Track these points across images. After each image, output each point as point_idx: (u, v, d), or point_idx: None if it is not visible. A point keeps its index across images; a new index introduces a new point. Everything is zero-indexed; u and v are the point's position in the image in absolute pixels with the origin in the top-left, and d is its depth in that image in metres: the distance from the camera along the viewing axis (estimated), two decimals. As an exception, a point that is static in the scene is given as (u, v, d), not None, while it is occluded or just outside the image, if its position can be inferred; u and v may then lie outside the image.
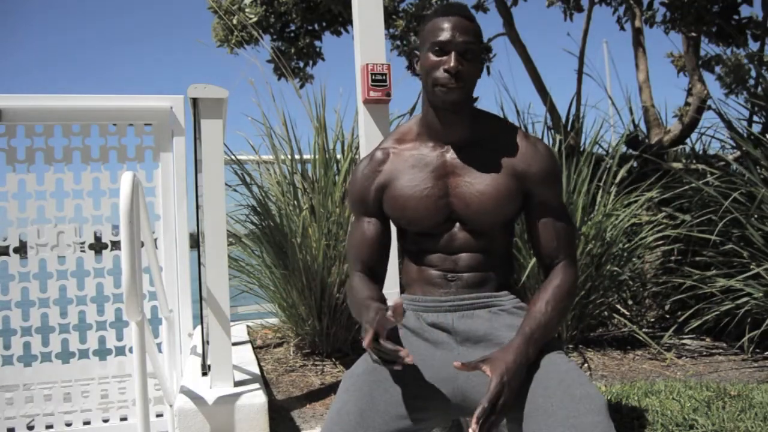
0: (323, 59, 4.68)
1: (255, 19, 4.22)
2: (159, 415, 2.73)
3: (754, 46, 4.11)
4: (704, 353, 3.09)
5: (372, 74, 2.14)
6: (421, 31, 1.30)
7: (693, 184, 3.33)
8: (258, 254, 3.31)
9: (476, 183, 1.26)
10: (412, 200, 1.28)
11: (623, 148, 4.04)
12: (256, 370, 2.48)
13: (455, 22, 1.22)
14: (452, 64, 1.20)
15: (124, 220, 1.62)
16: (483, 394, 1.18)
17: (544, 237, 1.29)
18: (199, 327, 2.78)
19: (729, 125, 3.45)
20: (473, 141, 1.29)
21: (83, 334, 2.78)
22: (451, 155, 1.29)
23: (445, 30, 1.22)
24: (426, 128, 1.31)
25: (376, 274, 1.36)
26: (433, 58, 1.23)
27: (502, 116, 1.78)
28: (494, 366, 1.09)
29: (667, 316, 3.62)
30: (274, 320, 3.67)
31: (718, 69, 4.77)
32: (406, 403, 1.18)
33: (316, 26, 4.56)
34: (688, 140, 4.14)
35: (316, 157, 3.21)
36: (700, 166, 3.72)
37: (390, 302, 1.30)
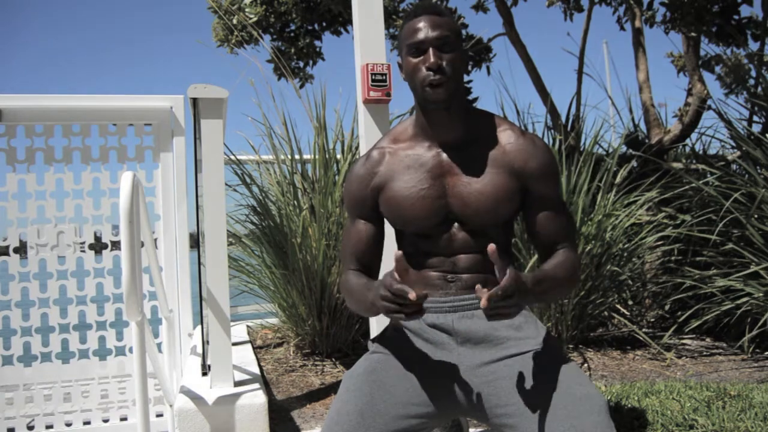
0: (323, 59, 4.68)
1: (255, 19, 4.22)
2: (159, 415, 2.73)
3: (754, 46, 4.12)
4: (704, 353, 3.09)
5: (372, 74, 2.14)
6: (398, 39, 1.31)
7: (693, 184, 3.33)
8: (258, 254, 3.31)
9: (474, 182, 1.25)
10: (408, 201, 1.27)
11: (623, 148, 4.04)
12: (256, 370, 2.48)
13: (426, 21, 1.23)
14: (432, 60, 1.20)
15: (124, 220, 1.62)
16: (483, 395, 1.18)
17: (544, 232, 1.29)
18: (199, 327, 2.78)
19: (729, 125, 3.45)
20: (469, 139, 1.29)
21: (83, 334, 2.78)
22: (447, 155, 1.28)
23: (418, 30, 1.23)
24: (420, 129, 1.31)
25: (370, 272, 1.36)
26: (412, 60, 1.24)
27: (501, 115, 1.78)
28: (512, 273, 1.02)
29: (667, 316, 3.62)
30: (274, 320, 3.67)
31: (718, 69, 4.77)
32: (406, 404, 1.18)
33: (316, 26, 4.56)
34: (688, 140, 4.14)
35: (316, 157, 3.21)
36: (700, 166, 3.72)
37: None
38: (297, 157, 3.32)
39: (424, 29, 1.22)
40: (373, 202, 1.33)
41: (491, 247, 1.02)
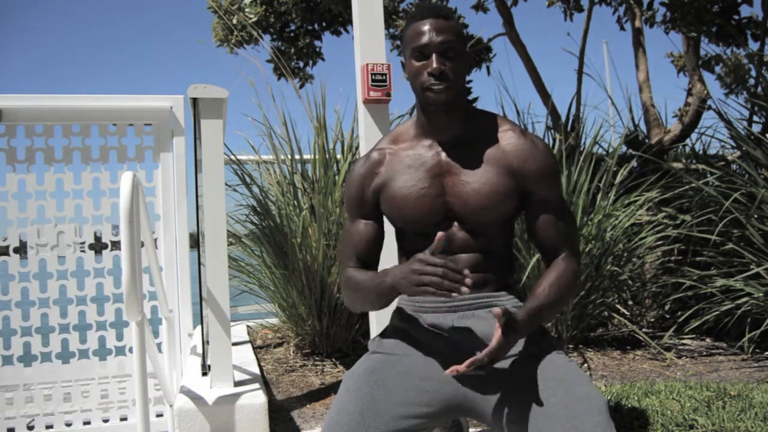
0: (323, 59, 4.69)
1: (255, 19, 4.22)
2: (159, 415, 2.73)
3: (754, 46, 4.12)
4: (704, 353, 3.09)
5: (372, 74, 2.14)
6: (402, 38, 1.31)
7: (693, 184, 3.33)
8: (258, 254, 3.31)
9: (473, 181, 1.25)
10: (409, 200, 1.27)
11: (623, 148, 4.03)
12: (256, 370, 2.48)
13: (431, 24, 1.23)
14: (434, 66, 1.21)
15: (124, 220, 1.62)
16: (483, 394, 1.18)
17: (546, 234, 1.29)
18: (199, 327, 2.78)
19: (729, 125, 3.45)
20: (469, 139, 1.29)
21: (83, 334, 2.78)
22: (447, 154, 1.29)
23: (423, 33, 1.23)
24: (421, 129, 1.32)
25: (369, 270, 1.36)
26: (415, 63, 1.24)
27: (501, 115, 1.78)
28: (499, 332, 1.07)
29: (667, 316, 3.62)
30: (274, 320, 3.67)
31: (718, 69, 4.77)
32: (407, 404, 1.18)
33: (316, 26, 4.56)
34: (688, 140, 4.14)
35: (316, 157, 3.21)
36: (700, 166, 3.72)
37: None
38: (297, 157, 3.32)
39: (428, 33, 1.22)
40: (374, 202, 1.33)
41: (496, 311, 1.04)
